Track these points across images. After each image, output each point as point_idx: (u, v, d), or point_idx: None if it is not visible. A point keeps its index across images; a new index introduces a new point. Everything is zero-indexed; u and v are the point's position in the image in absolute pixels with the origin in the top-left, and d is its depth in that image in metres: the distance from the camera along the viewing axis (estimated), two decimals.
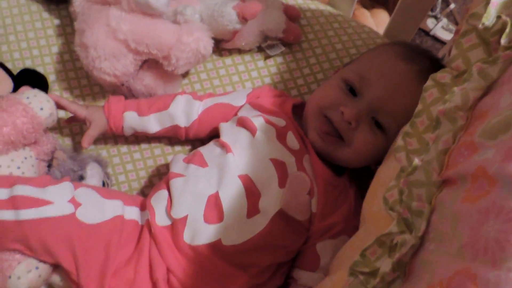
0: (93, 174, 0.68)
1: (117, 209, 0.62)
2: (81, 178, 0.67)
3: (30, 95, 0.65)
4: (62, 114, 0.75)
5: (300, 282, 0.65)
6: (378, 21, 1.26)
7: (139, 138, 0.78)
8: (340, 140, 0.65)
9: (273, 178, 0.62)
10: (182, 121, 0.72)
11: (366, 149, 0.65)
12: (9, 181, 0.58)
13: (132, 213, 0.64)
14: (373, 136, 0.64)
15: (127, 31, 0.68)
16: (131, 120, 0.72)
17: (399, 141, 0.46)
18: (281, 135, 0.67)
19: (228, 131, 0.69)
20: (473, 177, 0.35)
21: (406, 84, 0.64)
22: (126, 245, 0.61)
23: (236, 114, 0.73)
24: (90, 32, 0.67)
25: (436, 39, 1.51)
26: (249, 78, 0.83)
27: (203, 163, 0.65)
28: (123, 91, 0.76)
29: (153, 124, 0.72)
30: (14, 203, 0.55)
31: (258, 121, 0.68)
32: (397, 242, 0.39)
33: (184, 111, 0.72)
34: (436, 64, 0.68)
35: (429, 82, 0.46)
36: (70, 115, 0.73)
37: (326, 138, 0.66)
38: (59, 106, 0.69)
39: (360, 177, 0.71)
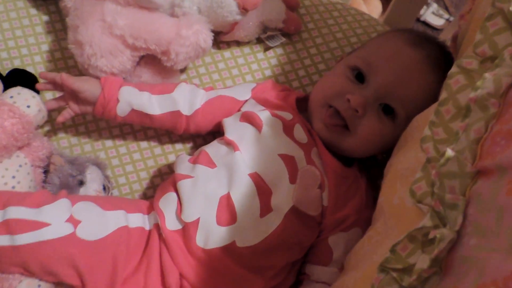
0: (93, 178, 0.65)
1: (120, 219, 0.59)
2: (81, 183, 0.63)
3: (13, 94, 0.61)
4: (55, 115, 0.71)
5: (313, 277, 0.64)
6: (371, 8, 1.25)
7: (138, 137, 0.75)
8: (345, 129, 0.63)
9: (284, 174, 0.60)
10: (185, 108, 0.68)
11: (372, 137, 0.63)
12: (2, 199, 0.54)
13: (136, 220, 0.60)
14: (380, 124, 0.62)
15: (124, 26, 0.64)
16: (130, 94, 0.66)
17: (426, 131, 0.44)
18: (288, 129, 0.64)
19: (233, 128, 0.66)
20: None
21: (413, 70, 0.62)
22: (134, 254, 0.58)
23: (239, 110, 0.70)
24: (85, 28, 0.64)
25: (427, 24, 1.50)
26: (249, 71, 0.80)
27: (210, 163, 0.62)
28: None
29: (154, 105, 0.67)
30: (8, 227, 0.52)
31: (263, 115, 0.65)
32: (433, 237, 0.37)
33: (187, 98, 0.68)
34: (443, 50, 0.67)
35: (454, 69, 0.44)
36: (62, 113, 0.68)
37: (332, 127, 0.64)
38: (48, 83, 0.66)
39: (367, 167, 0.70)
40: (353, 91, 0.62)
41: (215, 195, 0.59)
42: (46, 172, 0.66)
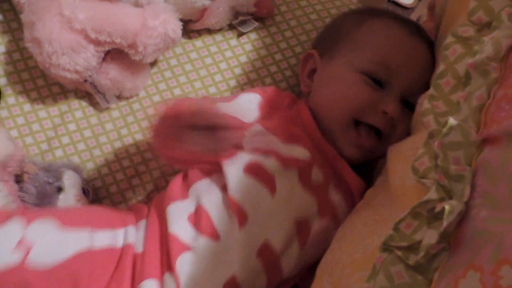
0: (71, 184, 0.61)
1: (82, 240, 0.52)
2: (60, 189, 0.60)
3: None
4: (21, 121, 0.67)
5: None
6: None
7: (111, 137, 0.71)
8: (380, 140, 0.59)
9: (295, 239, 0.55)
10: None
11: (404, 137, 0.57)
12: None
13: (104, 238, 0.54)
14: (409, 120, 0.58)
15: (84, 20, 0.60)
16: None
17: (425, 104, 0.41)
18: (304, 176, 0.57)
19: (238, 184, 0.55)
20: None
21: (422, 60, 0.61)
22: (99, 281, 0.52)
23: (243, 135, 0.58)
24: (41, 24, 0.59)
25: (396, 4, 1.49)
26: (223, 59, 0.77)
27: (214, 234, 0.53)
28: (87, 88, 0.68)
29: None
30: None
31: (275, 166, 0.56)
32: (439, 211, 0.35)
33: None
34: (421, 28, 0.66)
35: (450, 39, 0.42)
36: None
37: (368, 147, 0.59)
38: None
39: None
40: (382, 100, 0.58)
41: (220, 278, 0.52)
42: (19, 182, 0.61)
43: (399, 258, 0.37)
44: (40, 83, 0.71)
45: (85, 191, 0.62)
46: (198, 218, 0.55)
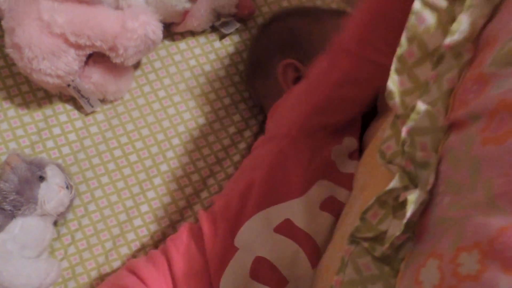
0: (54, 174, 0.61)
1: None
2: (42, 178, 0.59)
3: None
4: (4, 127, 0.67)
5: None
6: None
7: (96, 140, 0.71)
8: None
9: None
10: None
11: None
12: None
13: None
14: None
15: (64, 24, 0.60)
16: None
17: (390, 86, 0.38)
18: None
19: (310, 217, 0.52)
20: (491, 114, 0.30)
21: None
22: None
23: None
24: (21, 29, 0.59)
25: None
26: (207, 61, 0.77)
27: (278, 280, 0.49)
28: (71, 92, 0.68)
29: None
30: None
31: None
32: (404, 200, 0.34)
33: None
34: None
35: (418, 5, 0.37)
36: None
37: None
38: None
39: None
40: None
41: None
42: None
43: (366, 250, 0.37)
44: (24, 89, 0.71)
45: (67, 186, 0.62)
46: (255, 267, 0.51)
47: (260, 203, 0.53)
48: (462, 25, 0.35)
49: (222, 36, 0.78)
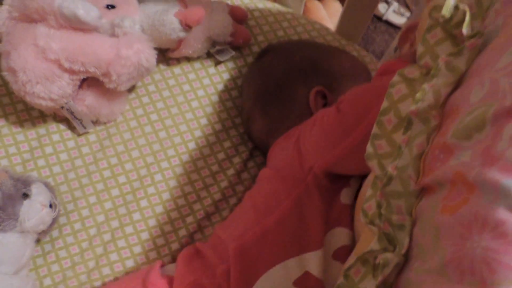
0: (39, 192, 0.62)
1: None
2: (25, 195, 0.61)
3: None
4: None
5: None
6: (331, 11, 1.24)
7: (87, 161, 0.72)
8: None
9: None
10: None
11: None
12: None
13: None
14: None
15: (58, 50, 0.62)
16: None
17: (369, 148, 0.41)
18: None
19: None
20: (452, 184, 0.32)
21: None
22: None
23: None
24: (17, 54, 0.61)
25: (389, 24, 1.50)
26: (200, 86, 0.78)
27: None
28: (64, 113, 0.70)
29: None
30: None
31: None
32: (380, 262, 0.36)
33: None
34: None
35: (396, 78, 0.42)
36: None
37: None
38: None
39: None
40: None
41: None
42: None
43: None
44: (19, 108, 0.72)
45: (51, 205, 0.63)
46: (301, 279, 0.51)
47: (278, 254, 0.52)
48: (426, 93, 0.37)
49: (217, 63, 0.79)
